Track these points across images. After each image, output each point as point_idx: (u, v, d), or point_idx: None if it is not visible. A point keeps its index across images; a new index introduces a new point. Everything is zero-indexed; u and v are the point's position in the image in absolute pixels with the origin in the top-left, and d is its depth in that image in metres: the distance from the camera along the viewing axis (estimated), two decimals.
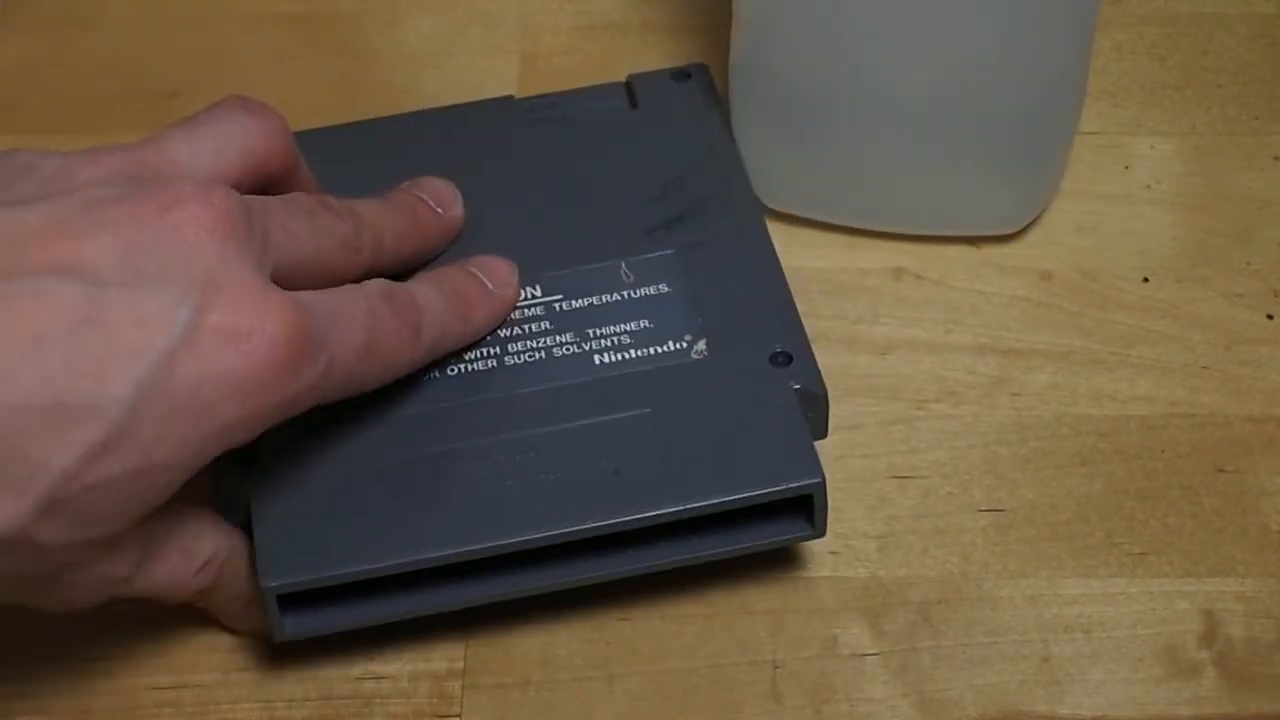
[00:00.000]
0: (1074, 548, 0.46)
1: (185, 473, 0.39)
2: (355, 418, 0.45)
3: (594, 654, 0.45)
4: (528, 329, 0.47)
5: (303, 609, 0.43)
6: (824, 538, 0.44)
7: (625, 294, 0.47)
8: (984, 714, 0.44)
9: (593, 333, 0.47)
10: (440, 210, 0.48)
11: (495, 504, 0.43)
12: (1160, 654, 0.44)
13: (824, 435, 0.46)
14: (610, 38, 0.57)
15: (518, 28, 0.58)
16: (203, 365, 0.38)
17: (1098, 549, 0.46)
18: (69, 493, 0.37)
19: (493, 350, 0.46)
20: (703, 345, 0.46)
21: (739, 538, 0.44)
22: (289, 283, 0.40)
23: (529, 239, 0.49)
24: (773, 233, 0.50)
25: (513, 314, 0.47)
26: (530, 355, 0.46)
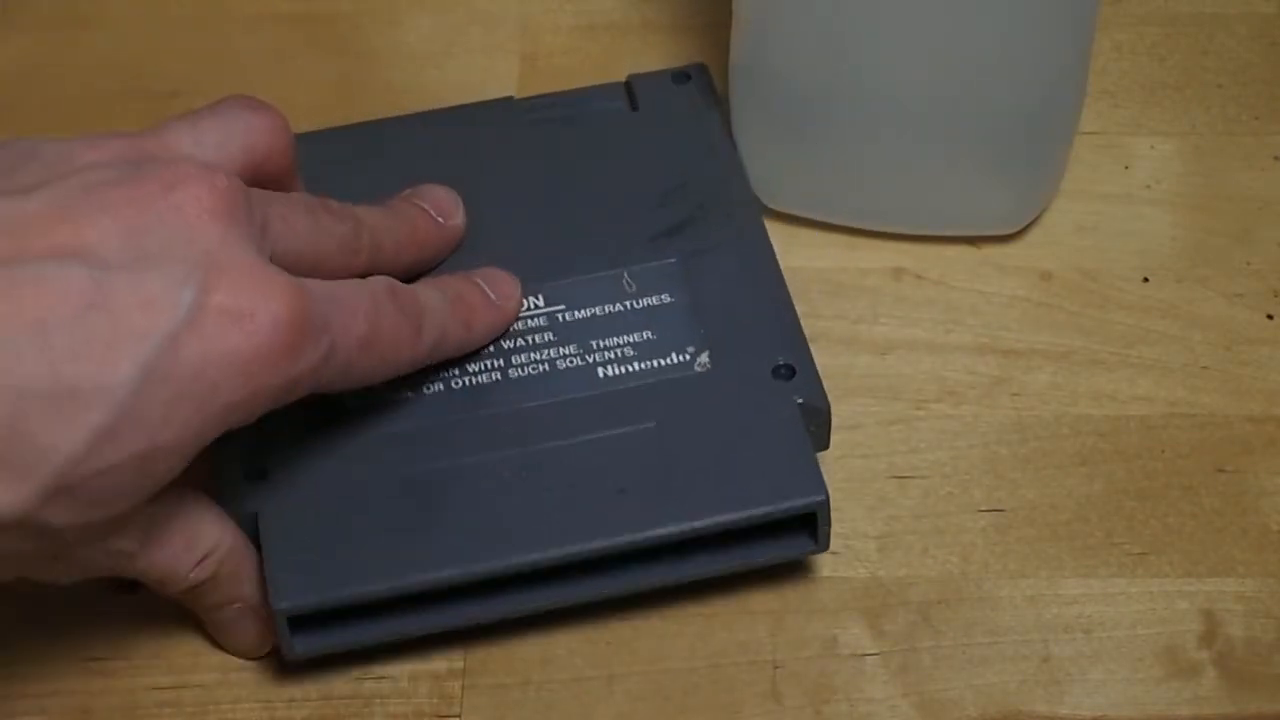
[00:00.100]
0: (1074, 548, 0.46)
1: (188, 454, 0.39)
2: (362, 431, 0.45)
3: (594, 654, 0.45)
4: (531, 340, 0.47)
5: (312, 629, 0.43)
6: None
7: (628, 304, 0.48)
8: (984, 714, 0.44)
9: (596, 344, 0.47)
10: (441, 219, 0.48)
11: (502, 523, 0.43)
12: (1160, 654, 0.44)
13: (825, 447, 0.46)
14: (610, 38, 0.57)
15: (518, 28, 0.58)
16: (206, 346, 0.38)
17: (1098, 549, 0.46)
18: (76, 477, 0.37)
19: (497, 362, 0.46)
20: (705, 358, 0.46)
21: (742, 554, 0.44)
22: None
23: (531, 247, 0.49)
24: (773, 233, 0.50)
25: (516, 325, 0.47)
26: (534, 368, 0.46)
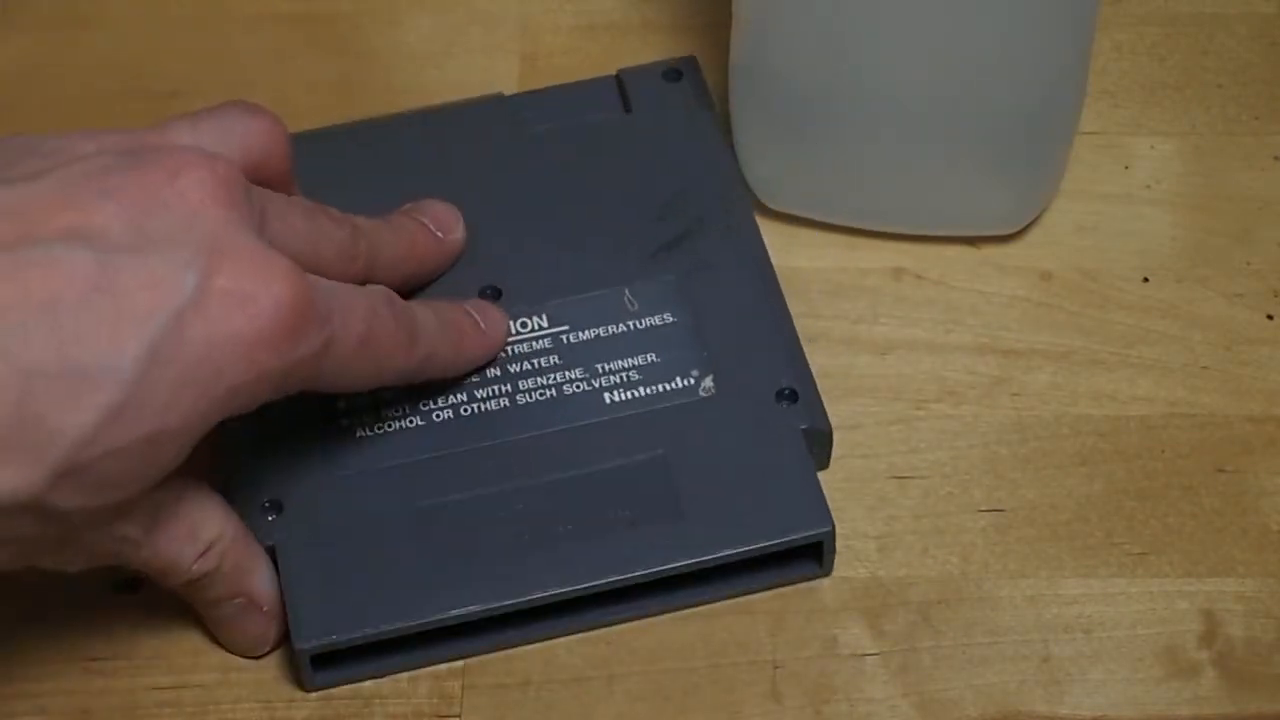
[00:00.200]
0: (1074, 548, 0.46)
1: (193, 438, 0.39)
2: (375, 462, 0.45)
3: (594, 654, 0.45)
4: (537, 364, 0.47)
5: (331, 663, 0.44)
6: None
7: (631, 324, 0.48)
8: (984, 714, 0.44)
9: (601, 368, 0.47)
10: (440, 234, 0.48)
11: (517, 559, 0.44)
12: (1160, 654, 0.44)
13: (826, 466, 0.47)
14: (610, 38, 0.57)
15: (518, 28, 0.58)
16: (211, 328, 0.38)
17: (1098, 549, 0.46)
18: (84, 459, 0.37)
19: (504, 388, 0.47)
20: (710, 382, 0.46)
21: (747, 580, 0.45)
22: None
23: (531, 262, 0.49)
24: (773, 233, 0.50)
25: (521, 347, 0.47)
26: (541, 393, 0.46)
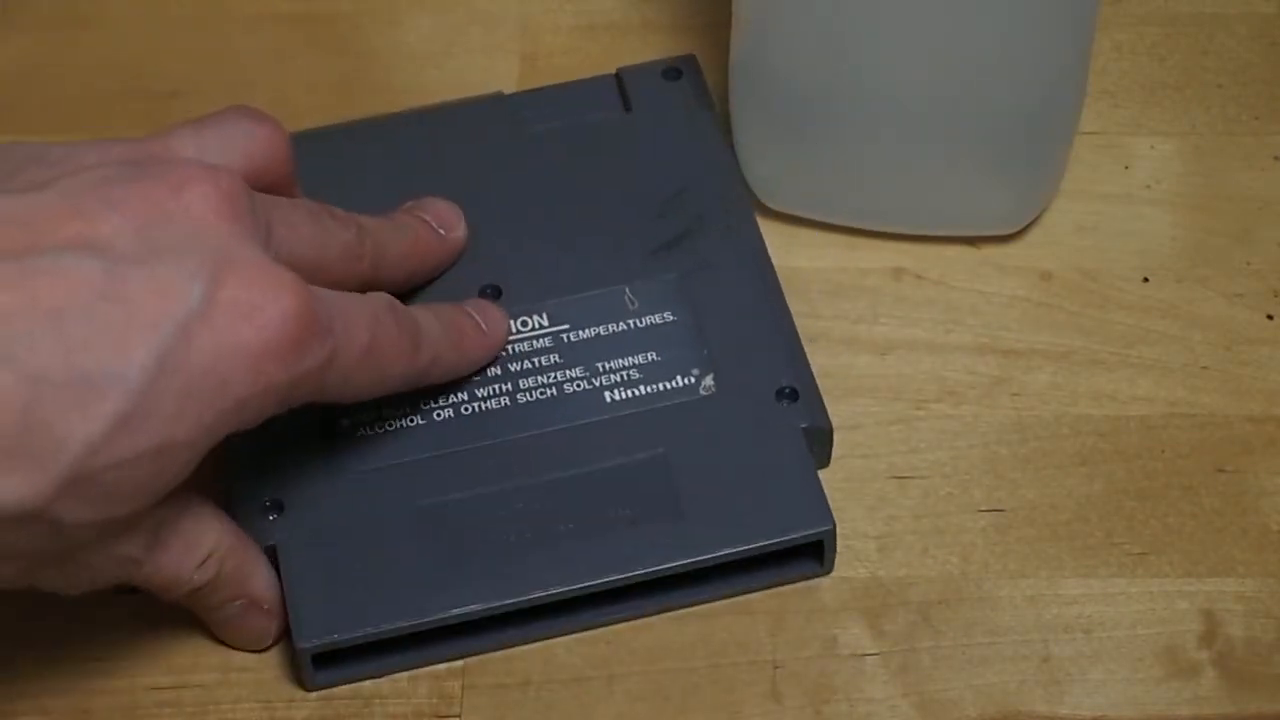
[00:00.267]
0: (1074, 548, 0.46)
1: (199, 451, 0.39)
2: (376, 462, 0.45)
3: (594, 654, 0.45)
4: (537, 362, 0.47)
5: (332, 663, 0.44)
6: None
7: (631, 323, 0.48)
8: (984, 714, 0.44)
9: (601, 366, 0.47)
10: (443, 231, 0.49)
11: (518, 559, 0.44)
12: (1160, 654, 0.44)
13: (826, 465, 0.47)
14: (610, 38, 0.57)
15: (518, 28, 0.58)
16: (218, 339, 0.38)
17: (1098, 549, 0.46)
18: (91, 468, 0.37)
19: (505, 387, 0.47)
20: (710, 381, 0.46)
21: (747, 579, 0.45)
22: None
23: (531, 260, 0.49)
24: (772, 233, 0.50)
25: (522, 346, 0.47)
26: (542, 392, 0.47)
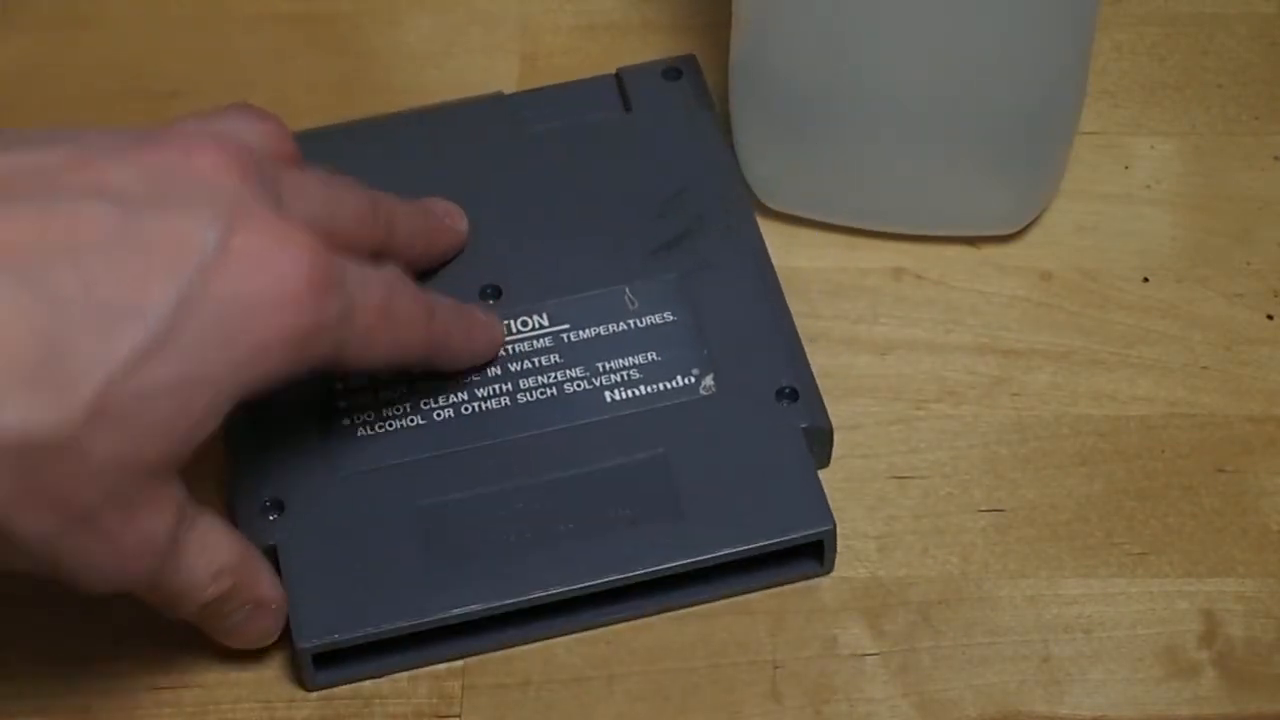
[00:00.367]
0: (1074, 548, 0.46)
1: (222, 396, 0.39)
2: (376, 461, 0.45)
3: (594, 654, 0.45)
4: (537, 362, 0.47)
5: (332, 663, 0.44)
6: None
7: (631, 323, 0.48)
8: (984, 714, 0.44)
9: (602, 366, 0.47)
10: (447, 223, 0.49)
11: (518, 559, 0.44)
12: (1160, 654, 0.44)
13: (826, 465, 0.47)
14: (610, 38, 0.57)
15: (518, 28, 0.58)
16: (233, 285, 0.38)
17: (1098, 549, 0.46)
18: (118, 396, 0.37)
19: (505, 386, 0.47)
20: (710, 381, 0.46)
21: (749, 579, 0.45)
22: None
23: (532, 260, 0.49)
24: (772, 233, 0.50)
25: (521, 345, 0.47)
26: (542, 392, 0.47)
